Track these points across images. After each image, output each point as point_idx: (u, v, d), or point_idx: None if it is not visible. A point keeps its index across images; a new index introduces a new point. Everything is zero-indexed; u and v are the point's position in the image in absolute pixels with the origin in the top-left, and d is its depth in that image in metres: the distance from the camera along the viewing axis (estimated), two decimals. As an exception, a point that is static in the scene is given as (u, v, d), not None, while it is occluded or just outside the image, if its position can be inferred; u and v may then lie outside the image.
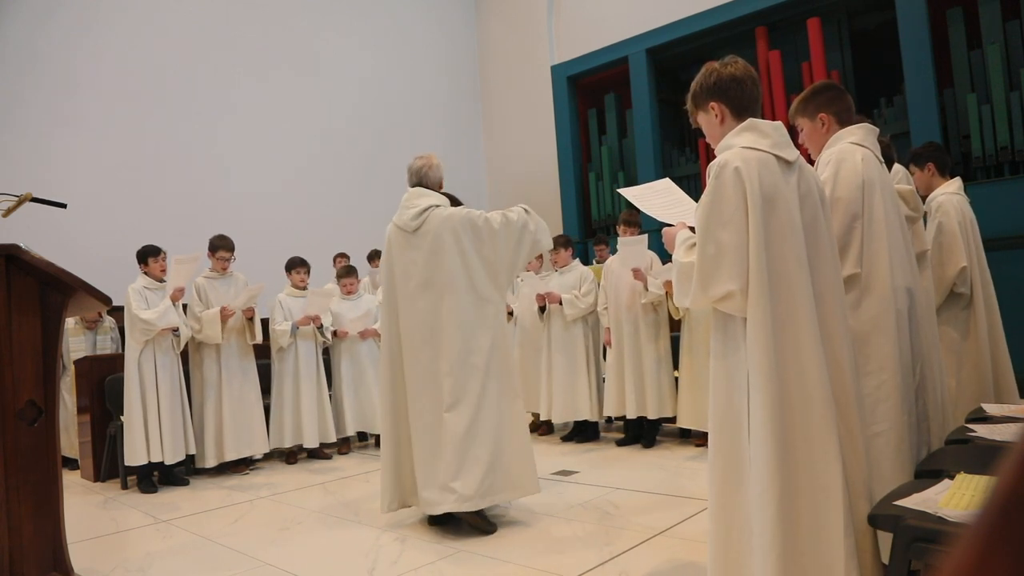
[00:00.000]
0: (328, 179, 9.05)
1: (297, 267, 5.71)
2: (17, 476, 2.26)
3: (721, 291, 1.76)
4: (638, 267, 4.90)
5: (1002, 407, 2.61)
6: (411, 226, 3.42)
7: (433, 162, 3.58)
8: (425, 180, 3.55)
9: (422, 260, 3.38)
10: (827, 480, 1.69)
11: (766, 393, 1.70)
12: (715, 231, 1.78)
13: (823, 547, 1.68)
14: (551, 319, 5.58)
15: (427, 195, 3.48)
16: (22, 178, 5.70)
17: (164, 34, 7.76)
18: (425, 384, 3.35)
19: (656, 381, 5.02)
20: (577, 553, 2.91)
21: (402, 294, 3.45)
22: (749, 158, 1.79)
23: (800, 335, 1.74)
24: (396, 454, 3.46)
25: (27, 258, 2.30)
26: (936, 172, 3.59)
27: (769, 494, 1.67)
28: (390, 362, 3.50)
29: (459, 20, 11.06)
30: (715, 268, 1.77)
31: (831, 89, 2.45)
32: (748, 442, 1.75)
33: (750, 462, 1.74)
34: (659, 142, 8.79)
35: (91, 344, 5.70)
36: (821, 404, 1.72)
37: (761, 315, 1.72)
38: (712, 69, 1.97)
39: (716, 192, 1.79)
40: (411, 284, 3.41)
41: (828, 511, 1.68)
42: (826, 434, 1.71)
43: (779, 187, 1.79)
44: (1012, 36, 6.32)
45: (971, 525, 0.33)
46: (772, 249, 1.75)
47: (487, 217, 3.46)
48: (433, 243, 3.36)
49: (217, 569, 3.03)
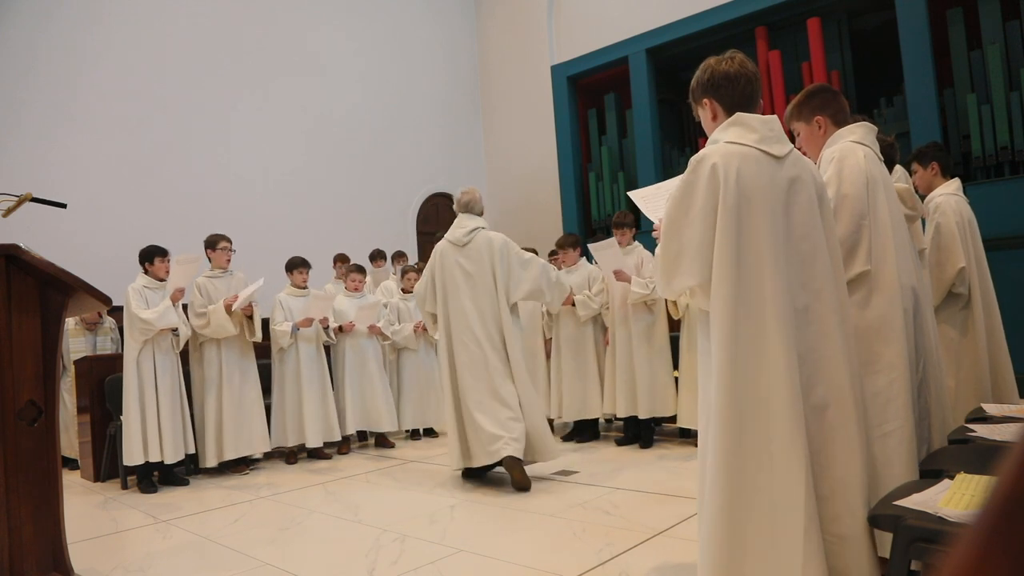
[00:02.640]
0: (328, 179, 9.05)
1: (298, 267, 5.70)
2: (17, 476, 2.26)
3: (681, 285, 1.81)
4: (618, 268, 4.91)
5: (1002, 407, 2.61)
6: (462, 241, 4.37)
7: (476, 196, 4.56)
8: (471, 208, 4.52)
9: (470, 267, 4.33)
10: (786, 478, 1.66)
11: (720, 386, 1.72)
12: (680, 226, 1.81)
13: (779, 544, 1.65)
14: (560, 319, 5.59)
15: (474, 220, 4.46)
16: (22, 178, 5.71)
17: (164, 35, 7.76)
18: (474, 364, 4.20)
19: (649, 381, 5.01)
20: (577, 553, 2.91)
21: (451, 293, 4.35)
22: (730, 153, 1.79)
23: (766, 329, 1.72)
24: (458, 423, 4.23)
25: (27, 258, 2.30)
26: (939, 172, 3.60)
27: (717, 485, 1.68)
28: (447, 347, 4.35)
29: (459, 20, 11.06)
30: (677, 263, 1.81)
31: (825, 92, 2.44)
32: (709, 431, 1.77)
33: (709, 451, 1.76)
34: (659, 142, 8.79)
35: (91, 345, 5.70)
36: (785, 399, 1.69)
37: (720, 306, 1.73)
38: (708, 65, 1.98)
39: (687, 186, 1.82)
40: (458, 285, 4.33)
41: (784, 508, 1.66)
42: (789, 430, 1.67)
43: (760, 183, 1.78)
44: (1012, 36, 6.32)
45: (971, 525, 0.33)
46: (744, 245, 1.74)
47: (520, 249, 4.44)
48: (478, 256, 4.33)
49: (217, 569, 3.03)
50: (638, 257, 5.11)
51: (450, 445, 4.32)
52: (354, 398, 5.70)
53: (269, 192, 8.39)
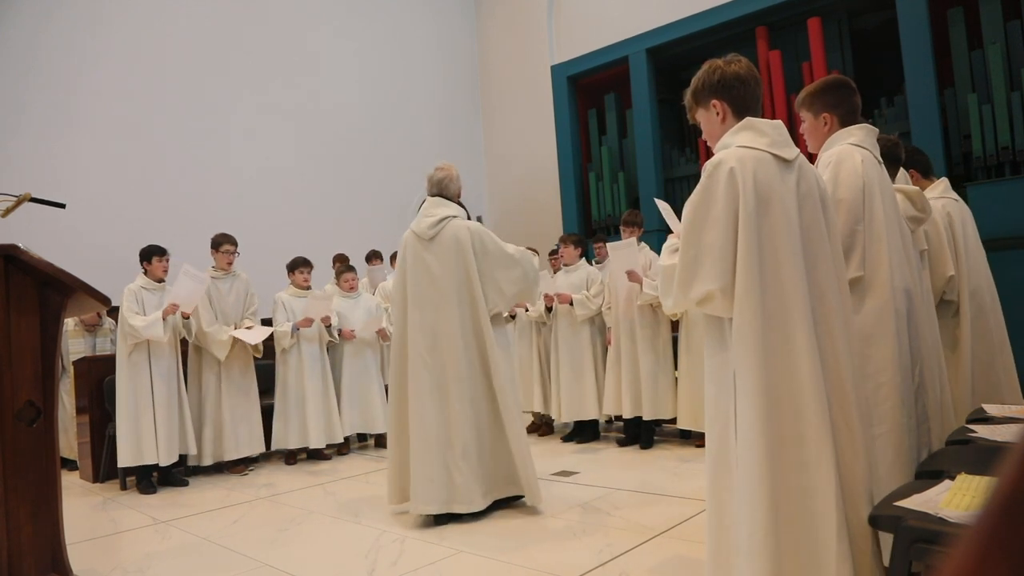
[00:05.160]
0: (327, 180, 9.05)
1: (300, 267, 5.70)
2: (16, 477, 2.26)
3: (701, 291, 1.76)
4: (632, 269, 4.89)
5: (1002, 407, 2.60)
6: (428, 234, 3.51)
7: (452, 173, 3.66)
8: (444, 191, 3.62)
9: (436, 266, 3.47)
10: (820, 481, 1.67)
11: (754, 394, 1.69)
12: (700, 230, 1.78)
13: (815, 549, 1.66)
14: (557, 319, 5.58)
15: (445, 205, 3.57)
16: (22, 178, 5.70)
17: (164, 35, 7.76)
18: (431, 389, 3.44)
19: (653, 382, 5.01)
20: (577, 553, 2.91)
21: (412, 297, 3.53)
22: (745, 157, 1.78)
23: (793, 335, 1.72)
24: (401, 452, 3.56)
25: (26, 258, 2.30)
26: (919, 176, 3.51)
27: (759, 497, 1.66)
28: (399, 365, 3.59)
29: (459, 20, 11.06)
30: (696, 267, 1.77)
31: (841, 88, 2.40)
32: (735, 443, 1.74)
33: (737, 463, 1.73)
34: (659, 142, 8.79)
35: (91, 346, 5.70)
36: (815, 405, 1.69)
37: (749, 316, 1.71)
38: (716, 66, 1.95)
39: (706, 191, 1.80)
40: (422, 288, 3.50)
41: (820, 514, 1.66)
42: (820, 435, 1.68)
43: (775, 186, 1.78)
44: (1013, 36, 6.31)
45: (971, 526, 0.32)
46: (765, 249, 1.74)
47: (499, 240, 3.57)
48: (445, 254, 3.46)
49: (216, 570, 3.02)
50: (645, 258, 5.11)
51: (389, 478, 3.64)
52: (352, 400, 5.69)
53: (269, 192, 8.39)
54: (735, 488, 1.74)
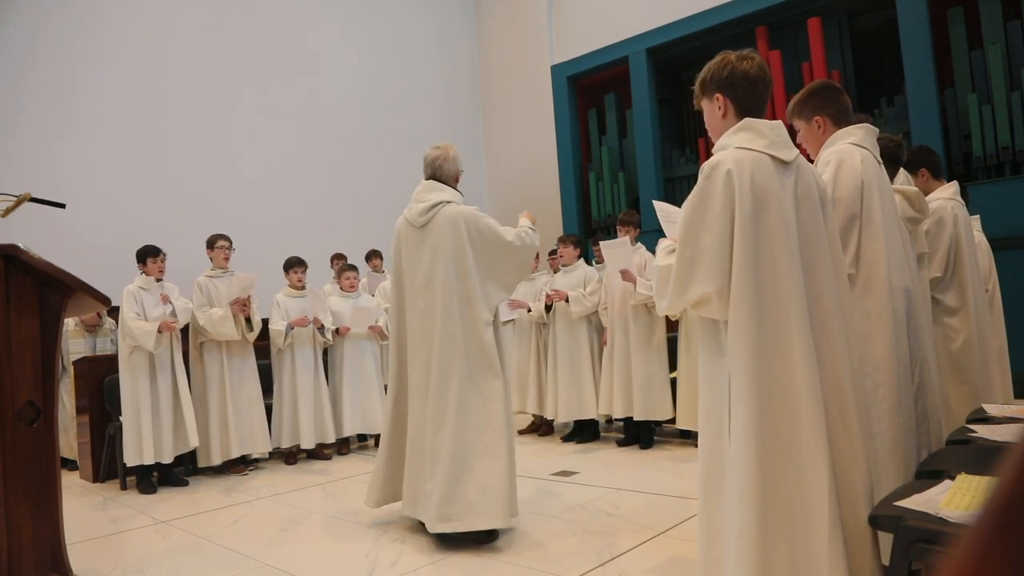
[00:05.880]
0: (327, 180, 9.05)
1: (295, 267, 5.68)
2: (16, 477, 2.26)
3: (697, 293, 1.75)
4: (626, 268, 4.87)
5: (1002, 407, 2.60)
6: (419, 221, 3.25)
7: (450, 154, 3.38)
8: (439, 173, 3.34)
9: (427, 258, 3.22)
10: (813, 484, 1.67)
11: (748, 397, 1.69)
12: (697, 232, 1.78)
13: (807, 551, 1.65)
14: (556, 318, 5.58)
15: (440, 189, 3.30)
16: (22, 178, 5.70)
17: (164, 35, 7.76)
18: (420, 389, 3.22)
19: (646, 383, 4.99)
20: (577, 553, 2.91)
21: (408, 292, 3.33)
22: (743, 159, 1.78)
23: (789, 337, 1.71)
24: (393, 454, 3.41)
25: (26, 258, 2.30)
26: (929, 176, 3.51)
27: (748, 498, 1.66)
28: (397, 361, 3.42)
29: (459, 20, 11.06)
30: (693, 269, 1.76)
31: (827, 90, 2.40)
32: (728, 445, 1.74)
33: (729, 465, 1.73)
34: (659, 142, 8.79)
35: (91, 346, 5.71)
36: (810, 407, 1.69)
37: (744, 318, 1.70)
38: (728, 61, 1.92)
39: (703, 193, 1.79)
40: (416, 282, 3.27)
41: (813, 516, 1.66)
42: (814, 438, 1.68)
43: (772, 188, 1.78)
44: (1013, 36, 6.31)
45: (971, 526, 0.32)
46: (762, 251, 1.74)
47: (497, 227, 3.30)
48: (436, 242, 3.19)
49: (216, 570, 3.02)
50: (641, 258, 5.10)
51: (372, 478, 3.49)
52: (352, 400, 5.68)
53: (269, 191, 8.39)
54: (726, 489, 1.74)
